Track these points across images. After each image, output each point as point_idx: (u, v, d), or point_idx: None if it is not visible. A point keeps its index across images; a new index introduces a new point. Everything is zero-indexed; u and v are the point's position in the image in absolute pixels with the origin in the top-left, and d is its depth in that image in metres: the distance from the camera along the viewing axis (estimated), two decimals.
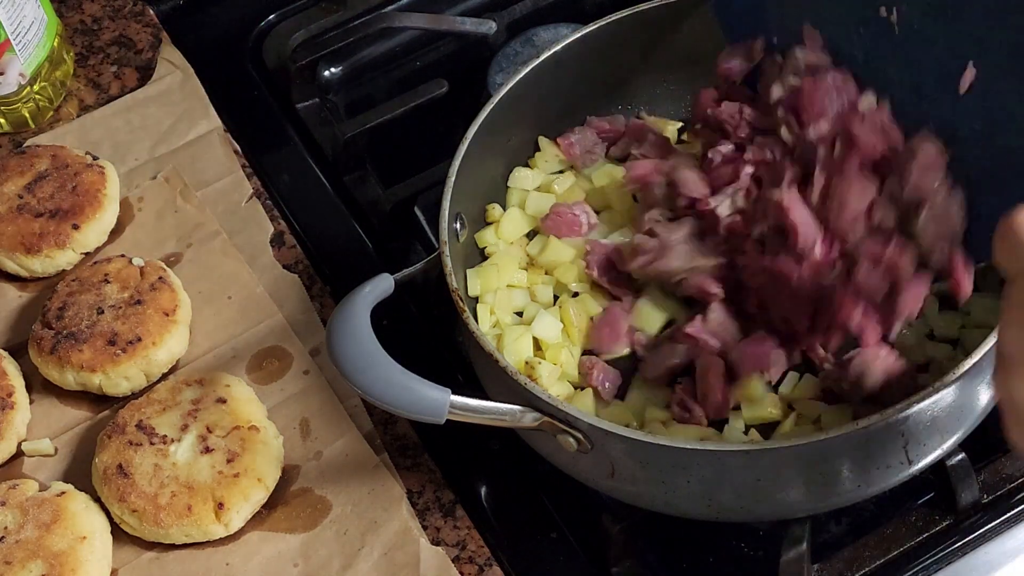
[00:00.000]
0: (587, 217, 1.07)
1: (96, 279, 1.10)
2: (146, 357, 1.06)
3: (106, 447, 1.01)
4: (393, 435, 1.03)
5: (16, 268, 1.15)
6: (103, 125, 1.25)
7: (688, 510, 0.92)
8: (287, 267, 1.14)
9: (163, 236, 1.17)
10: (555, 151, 1.12)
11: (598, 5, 1.30)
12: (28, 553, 0.96)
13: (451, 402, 0.88)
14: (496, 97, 1.06)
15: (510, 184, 1.11)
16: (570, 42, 1.08)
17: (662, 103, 1.15)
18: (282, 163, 1.23)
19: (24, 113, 1.26)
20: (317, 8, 1.35)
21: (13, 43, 1.21)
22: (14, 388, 1.06)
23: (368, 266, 1.13)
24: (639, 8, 1.09)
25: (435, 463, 1.02)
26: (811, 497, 0.90)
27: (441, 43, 1.34)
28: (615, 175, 1.10)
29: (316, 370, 1.07)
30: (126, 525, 0.99)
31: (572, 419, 0.89)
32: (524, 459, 0.99)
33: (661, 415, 0.97)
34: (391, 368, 0.88)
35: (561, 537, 0.98)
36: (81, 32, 1.35)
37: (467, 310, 0.95)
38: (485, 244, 1.08)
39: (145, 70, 1.30)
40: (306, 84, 1.28)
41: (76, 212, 1.15)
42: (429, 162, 1.19)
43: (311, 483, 1.01)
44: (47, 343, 1.07)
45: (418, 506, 0.99)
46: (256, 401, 1.04)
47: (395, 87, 1.31)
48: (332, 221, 1.18)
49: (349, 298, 0.93)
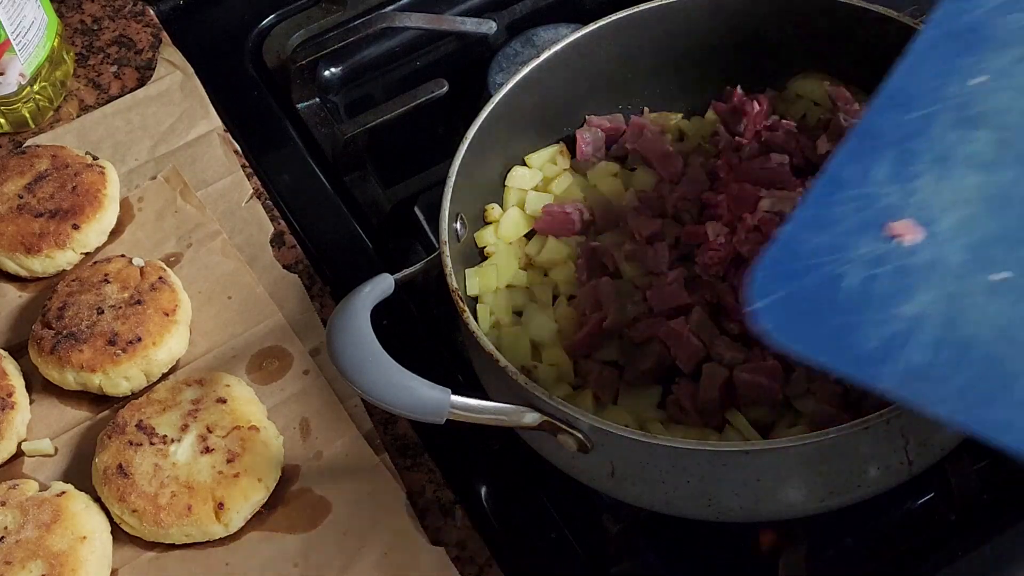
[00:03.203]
0: (580, 215, 1.07)
1: (96, 279, 1.10)
2: (146, 357, 1.06)
3: (106, 447, 1.01)
4: (393, 435, 1.03)
5: (16, 268, 1.15)
6: (103, 125, 1.25)
7: (688, 510, 0.92)
8: (287, 267, 1.14)
9: (163, 236, 1.17)
10: (554, 151, 1.12)
11: (598, 5, 1.30)
12: (28, 553, 0.96)
13: (451, 402, 0.88)
14: (496, 97, 1.06)
15: (508, 184, 1.11)
16: (570, 42, 1.08)
17: (662, 102, 1.15)
18: (282, 163, 1.23)
19: (24, 113, 1.26)
20: (317, 8, 1.35)
21: (13, 43, 1.21)
22: (14, 388, 1.06)
23: (368, 266, 1.13)
24: (639, 8, 1.09)
25: (435, 463, 1.02)
26: (811, 497, 0.90)
27: (441, 43, 1.34)
28: (613, 174, 1.10)
29: (316, 370, 1.07)
30: (126, 525, 0.99)
31: (572, 419, 0.89)
32: (524, 459, 0.99)
33: (660, 415, 0.97)
34: (391, 368, 0.88)
35: (561, 537, 0.98)
36: (81, 32, 1.35)
37: (467, 310, 0.95)
38: (484, 244, 1.08)
39: (145, 70, 1.30)
40: (306, 84, 1.28)
41: (76, 212, 1.15)
42: (429, 162, 1.20)
43: (311, 483, 1.01)
44: (47, 343, 1.07)
45: (418, 506, 0.99)
46: (256, 401, 1.04)
47: (395, 87, 1.31)
48: (332, 221, 1.18)
49: (349, 298, 0.93)
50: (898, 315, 0.69)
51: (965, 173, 0.74)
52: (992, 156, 0.74)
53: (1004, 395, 0.65)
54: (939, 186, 0.74)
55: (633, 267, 1.03)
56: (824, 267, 0.72)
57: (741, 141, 1.08)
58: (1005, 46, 0.79)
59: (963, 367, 0.67)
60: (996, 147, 0.75)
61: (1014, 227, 0.72)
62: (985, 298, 0.69)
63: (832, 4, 1.05)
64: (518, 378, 0.90)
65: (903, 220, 0.72)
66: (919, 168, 0.74)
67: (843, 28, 1.06)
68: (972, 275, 0.70)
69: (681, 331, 0.97)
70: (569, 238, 1.07)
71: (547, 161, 1.12)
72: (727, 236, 1.01)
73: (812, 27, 1.08)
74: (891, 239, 0.72)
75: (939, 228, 0.72)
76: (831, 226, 0.73)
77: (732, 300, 0.99)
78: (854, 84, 1.09)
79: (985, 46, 0.79)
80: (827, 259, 0.72)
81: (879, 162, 0.75)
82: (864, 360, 0.68)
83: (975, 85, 0.77)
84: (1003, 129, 0.76)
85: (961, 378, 0.66)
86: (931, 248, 0.71)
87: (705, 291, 1.00)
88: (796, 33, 1.09)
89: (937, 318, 0.68)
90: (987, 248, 0.71)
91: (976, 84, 0.77)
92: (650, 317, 1.00)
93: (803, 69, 1.12)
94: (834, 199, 0.74)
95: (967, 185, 0.73)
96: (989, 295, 0.69)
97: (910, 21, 1.03)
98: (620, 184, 1.10)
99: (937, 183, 0.74)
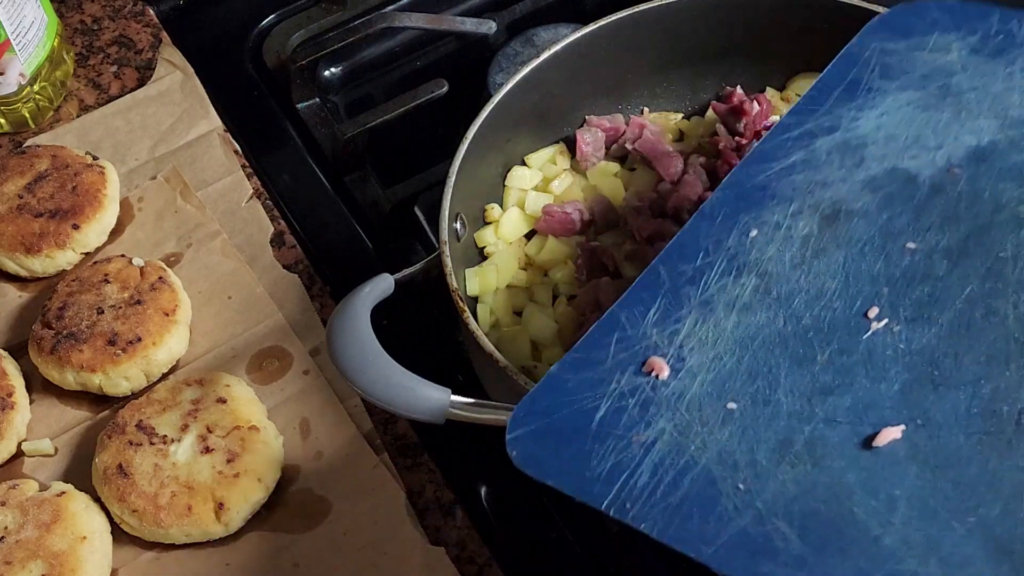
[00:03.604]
0: (580, 215, 1.07)
1: (96, 279, 1.10)
2: (146, 357, 1.06)
3: (106, 447, 1.01)
4: (393, 435, 1.03)
5: (16, 268, 1.15)
6: (103, 125, 1.25)
7: None
8: (287, 267, 1.14)
9: (163, 236, 1.17)
10: (554, 151, 1.12)
11: (598, 5, 1.30)
12: (28, 553, 0.96)
13: (451, 402, 0.88)
14: (496, 97, 1.06)
15: (508, 184, 1.11)
16: (570, 42, 1.08)
17: (662, 102, 1.15)
18: (282, 163, 1.23)
19: (24, 113, 1.26)
20: (317, 8, 1.35)
21: (13, 43, 1.21)
22: (14, 388, 1.06)
23: (368, 266, 1.13)
24: (639, 8, 1.09)
25: (435, 463, 1.02)
26: None
27: (441, 43, 1.34)
28: (613, 174, 1.10)
29: (316, 370, 1.07)
30: (126, 525, 0.99)
31: None
32: None
33: None
34: (391, 368, 0.88)
35: (561, 537, 0.98)
36: (81, 32, 1.35)
37: (467, 310, 0.95)
38: (484, 244, 1.08)
39: (145, 70, 1.30)
40: (306, 84, 1.28)
41: (76, 212, 1.15)
42: (429, 162, 1.20)
43: (311, 483, 1.01)
44: (47, 343, 1.07)
45: (418, 506, 0.99)
46: (256, 401, 1.04)
47: (395, 87, 1.31)
48: (332, 221, 1.18)
49: (349, 298, 0.93)
50: (635, 441, 0.76)
51: (723, 315, 0.82)
52: (749, 300, 0.82)
53: (706, 512, 0.73)
54: (697, 328, 0.81)
55: (633, 267, 1.03)
56: (583, 401, 0.79)
57: (741, 141, 1.08)
58: (784, 200, 0.87)
59: (678, 488, 0.74)
60: (755, 292, 0.82)
61: (753, 362, 0.79)
62: (714, 426, 0.76)
63: (832, 4, 1.05)
64: (518, 378, 0.90)
65: (655, 357, 0.79)
66: (684, 311, 0.82)
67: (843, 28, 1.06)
68: (708, 406, 0.77)
69: None
70: (569, 238, 1.07)
71: (547, 161, 1.12)
72: None
73: (812, 27, 1.08)
74: (647, 375, 0.79)
75: (688, 364, 0.79)
76: (597, 365, 0.80)
77: None
78: None
79: (768, 202, 0.87)
80: (587, 394, 0.79)
81: (652, 307, 0.83)
82: (592, 482, 0.75)
83: (752, 237, 0.85)
84: (765, 276, 0.83)
85: (674, 497, 0.73)
86: (677, 382, 0.79)
87: None
88: (796, 33, 1.09)
89: (667, 443, 0.76)
90: (726, 382, 0.78)
91: (752, 237, 0.85)
92: None
93: (803, 69, 1.12)
94: (605, 340, 0.81)
95: (723, 327, 0.81)
96: (719, 423, 0.76)
97: None
98: (620, 184, 1.10)
99: (697, 325, 0.81)
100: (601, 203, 1.08)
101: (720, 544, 0.71)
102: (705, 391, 0.78)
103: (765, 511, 0.72)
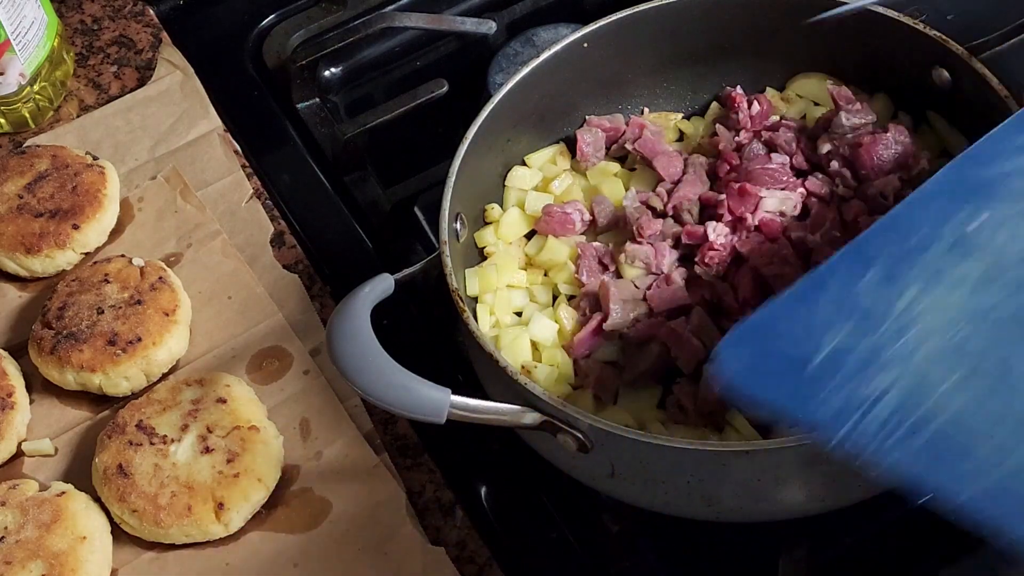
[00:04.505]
0: (580, 215, 1.07)
1: (96, 279, 1.10)
2: (146, 357, 1.06)
3: (106, 447, 1.01)
4: (393, 435, 1.03)
5: (16, 268, 1.15)
6: (103, 125, 1.25)
7: (688, 510, 0.92)
8: (287, 267, 1.14)
9: (163, 236, 1.17)
10: (554, 151, 1.12)
11: (598, 5, 1.30)
12: (28, 553, 0.96)
13: (451, 402, 0.88)
14: (496, 97, 1.06)
15: (508, 184, 1.11)
16: (570, 42, 1.08)
17: (662, 103, 1.15)
18: (282, 163, 1.23)
19: (24, 113, 1.26)
20: (317, 8, 1.35)
21: (13, 43, 1.21)
22: (14, 388, 1.06)
23: (368, 266, 1.13)
24: (639, 8, 1.09)
25: (435, 463, 1.02)
26: (811, 497, 0.90)
27: (441, 43, 1.34)
28: (613, 174, 1.10)
29: (316, 370, 1.07)
30: (126, 525, 0.99)
31: (572, 419, 0.89)
32: (524, 459, 0.99)
33: (659, 415, 0.97)
34: (391, 368, 0.88)
35: (561, 537, 0.98)
36: (81, 32, 1.35)
37: (467, 310, 0.95)
38: (484, 244, 1.08)
39: (145, 70, 1.30)
40: (306, 84, 1.28)
41: (76, 212, 1.15)
42: (429, 162, 1.19)
43: (311, 483, 1.01)
44: (47, 343, 1.07)
45: (418, 506, 0.99)
46: (256, 401, 1.04)
47: (395, 87, 1.31)
48: (332, 221, 1.18)
49: (349, 298, 0.93)
50: (862, 388, 0.78)
51: (950, 290, 0.82)
52: (979, 280, 0.82)
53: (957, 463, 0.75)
54: (922, 296, 0.82)
55: (633, 267, 1.03)
56: (797, 345, 0.81)
57: (741, 141, 1.08)
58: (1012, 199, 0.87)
59: (917, 436, 0.76)
60: (985, 274, 0.83)
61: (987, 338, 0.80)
62: (951, 389, 0.77)
63: (832, 4, 1.05)
64: (518, 378, 0.90)
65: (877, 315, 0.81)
66: (906, 282, 0.82)
67: (843, 28, 1.06)
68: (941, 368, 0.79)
69: (681, 331, 0.97)
70: (569, 238, 1.07)
71: (547, 161, 1.12)
72: (727, 236, 1.01)
73: (812, 27, 1.08)
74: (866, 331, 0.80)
75: (916, 329, 0.80)
76: (809, 317, 0.82)
77: (732, 300, 0.99)
78: (854, 84, 1.09)
79: (991, 198, 0.87)
80: (801, 340, 0.81)
81: (867, 273, 0.84)
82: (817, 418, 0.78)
83: (974, 228, 0.85)
84: (995, 260, 0.83)
85: (915, 443, 0.76)
86: (903, 343, 0.80)
87: (705, 291, 1.00)
88: (796, 33, 1.09)
89: (901, 394, 0.78)
90: (959, 350, 0.79)
91: (974, 227, 0.85)
92: (650, 317, 1.00)
93: (803, 69, 1.12)
94: (814, 296, 0.83)
95: (951, 301, 0.82)
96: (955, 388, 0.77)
97: (910, 21, 1.03)
98: (620, 184, 1.10)
99: (922, 294, 0.82)
100: (601, 203, 1.08)
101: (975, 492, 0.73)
102: (938, 353, 0.79)
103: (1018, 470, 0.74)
